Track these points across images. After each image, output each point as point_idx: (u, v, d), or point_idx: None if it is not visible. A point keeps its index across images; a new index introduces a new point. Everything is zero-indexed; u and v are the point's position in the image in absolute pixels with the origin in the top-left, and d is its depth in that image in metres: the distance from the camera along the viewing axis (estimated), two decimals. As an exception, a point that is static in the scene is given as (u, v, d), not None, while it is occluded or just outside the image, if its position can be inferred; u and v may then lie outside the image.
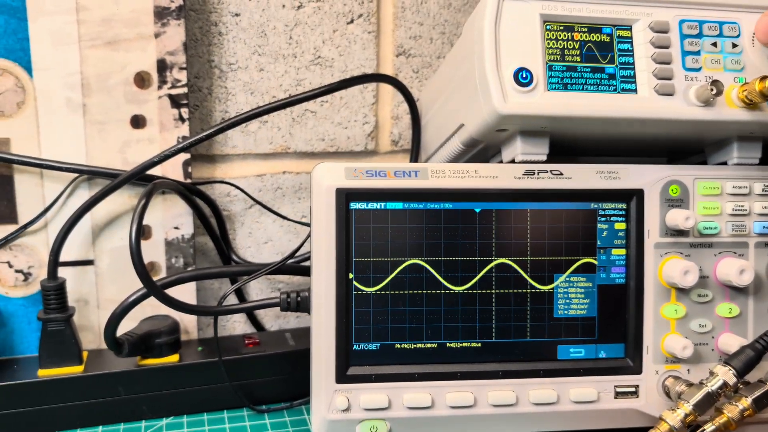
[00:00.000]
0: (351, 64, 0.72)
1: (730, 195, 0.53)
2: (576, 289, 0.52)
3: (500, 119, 0.48)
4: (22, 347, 0.64)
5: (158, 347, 0.61)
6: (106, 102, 0.62)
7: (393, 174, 0.50)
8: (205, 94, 0.69)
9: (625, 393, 0.52)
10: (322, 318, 0.50)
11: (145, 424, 0.60)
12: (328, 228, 0.50)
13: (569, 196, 0.51)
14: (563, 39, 0.50)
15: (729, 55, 0.51)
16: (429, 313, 0.51)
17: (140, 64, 0.63)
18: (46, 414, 0.58)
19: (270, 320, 0.75)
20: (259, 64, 0.70)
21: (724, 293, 0.53)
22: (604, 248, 0.52)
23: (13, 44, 0.59)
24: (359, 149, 0.75)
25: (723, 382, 0.47)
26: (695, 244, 0.52)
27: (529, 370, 0.51)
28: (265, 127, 0.71)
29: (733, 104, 0.50)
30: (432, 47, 0.75)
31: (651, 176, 0.52)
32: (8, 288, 0.63)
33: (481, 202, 0.51)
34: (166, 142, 0.64)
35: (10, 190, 0.61)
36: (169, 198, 0.65)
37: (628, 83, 0.50)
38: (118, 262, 0.65)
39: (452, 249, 0.51)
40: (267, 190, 0.72)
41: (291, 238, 0.74)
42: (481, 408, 0.51)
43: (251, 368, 0.62)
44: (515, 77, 0.48)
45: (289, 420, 0.60)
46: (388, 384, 0.50)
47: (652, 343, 0.52)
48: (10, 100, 0.60)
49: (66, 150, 0.62)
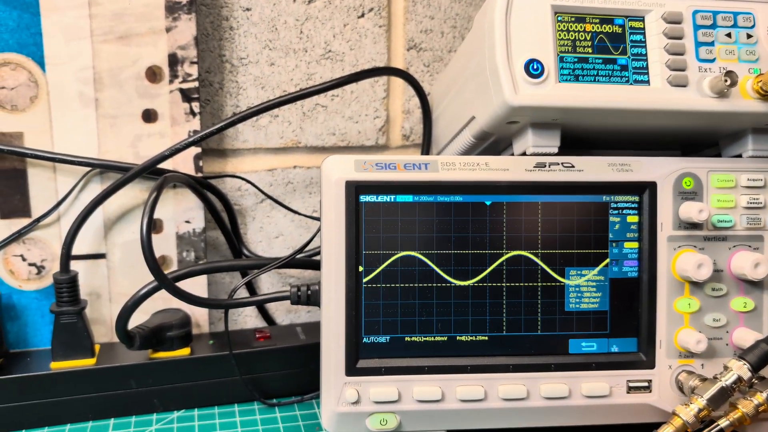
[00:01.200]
0: (362, 59, 0.72)
1: (745, 188, 0.52)
2: (588, 283, 0.51)
3: (511, 111, 0.48)
4: (36, 340, 0.64)
5: (169, 340, 0.61)
6: (118, 96, 0.63)
7: (403, 166, 0.50)
8: (216, 89, 0.69)
9: (638, 388, 0.52)
10: (331, 311, 0.50)
11: (156, 417, 0.60)
12: (337, 221, 0.49)
13: (581, 189, 0.51)
14: (575, 30, 0.49)
15: (743, 46, 0.50)
16: (439, 306, 0.50)
17: (152, 59, 0.63)
18: (59, 406, 0.58)
19: (281, 315, 0.75)
20: (270, 59, 0.70)
21: (739, 287, 0.52)
22: (617, 241, 0.51)
23: (26, 39, 0.60)
24: (370, 143, 0.74)
25: (737, 376, 0.46)
26: (709, 237, 0.52)
27: (540, 364, 0.51)
28: (276, 121, 0.71)
29: (747, 95, 0.49)
30: (443, 41, 0.75)
31: (664, 169, 0.51)
32: (22, 281, 0.63)
33: (492, 195, 0.50)
34: (177, 136, 0.64)
35: (23, 183, 0.62)
36: (181, 192, 0.66)
37: (640, 74, 0.50)
38: (130, 255, 0.65)
39: (462, 242, 0.51)
40: (278, 185, 0.72)
41: (302, 232, 0.74)
42: (492, 402, 0.51)
43: (262, 362, 0.62)
44: (526, 69, 0.48)
45: (299, 414, 0.60)
46: (398, 377, 0.50)
47: (665, 337, 0.51)
48: (23, 94, 0.61)
49: (78, 144, 0.62)
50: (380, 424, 0.50)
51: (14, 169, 0.62)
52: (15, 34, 0.60)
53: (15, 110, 0.61)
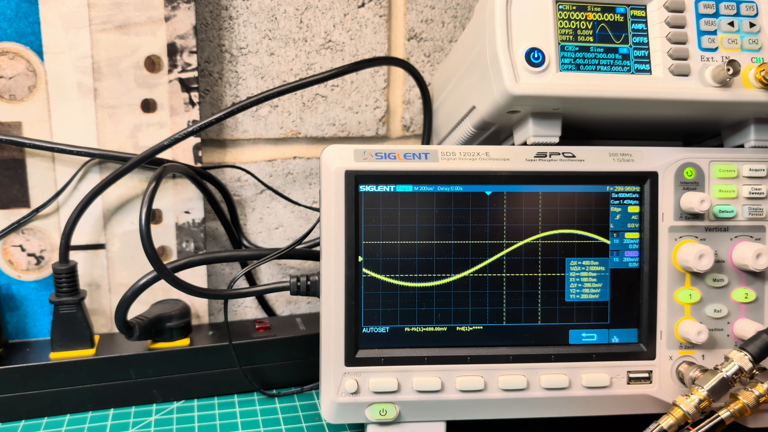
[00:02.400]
0: (362, 48, 0.72)
1: (747, 178, 0.52)
2: (588, 273, 0.51)
3: (512, 100, 0.48)
4: (35, 330, 0.64)
5: (169, 331, 0.61)
6: (116, 86, 0.62)
7: (403, 156, 0.50)
8: (216, 79, 0.69)
9: (639, 378, 0.51)
10: (331, 301, 0.50)
11: (155, 408, 0.60)
12: (337, 211, 0.49)
13: (582, 179, 0.51)
14: (576, 19, 0.49)
15: (746, 35, 0.49)
16: (438, 296, 0.50)
17: (151, 48, 0.62)
18: (58, 396, 0.58)
19: (281, 305, 0.75)
20: (270, 49, 0.69)
21: (740, 278, 0.52)
22: (617, 232, 0.51)
23: (25, 28, 0.59)
24: (370, 134, 0.74)
25: (738, 367, 0.46)
26: (711, 227, 0.51)
27: (540, 355, 0.51)
28: (276, 111, 0.71)
29: (750, 85, 0.49)
30: (444, 31, 0.74)
31: (665, 158, 0.51)
32: (21, 271, 0.63)
33: (492, 185, 0.50)
34: (176, 126, 0.64)
35: (22, 173, 0.62)
36: (180, 182, 0.65)
37: (642, 64, 0.49)
38: (130, 246, 0.65)
39: (463, 232, 0.50)
40: (277, 175, 0.72)
41: (302, 223, 0.74)
42: (491, 392, 0.50)
43: (262, 353, 0.62)
44: (527, 57, 0.47)
45: (299, 404, 0.60)
46: (398, 367, 0.50)
47: (666, 328, 0.51)
48: (22, 83, 0.60)
49: (77, 134, 0.62)
50: (380, 415, 0.50)
51: (13, 159, 0.61)
52: (13, 23, 0.59)
53: (13, 100, 0.60)
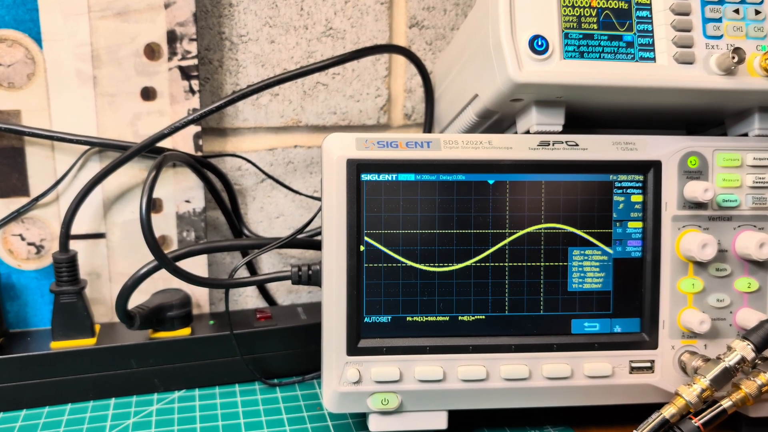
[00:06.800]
0: (363, 36, 0.71)
1: (751, 167, 0.51)
2: (591, 263, 0.51)
3: (515, 88, 0.47)
4: (36, 320, 0.64)
5: (170, 320, 0.61)
6: (116, 74, 0.62)
7: (405, 145, 0.50)
8: (216, 67, 0.68)
9: (641, 368, 0.51)
10: (333, 290, 0.49)
11: (157, 397, 0.60)
12: (338, 200, 0.49)
13: (585, 168, 0.50)
14: (580, 6, 0.48)
15: (752, 23, 0.49)
16: (441, 285, 0.50)
17: (150, 35, 0.62)
18: (59, 386, 0.58)
19: (282, 295, 0.75)
20: (270, 36, 0.69)
21: (743, 267, 0.51)
22: (620, 221, 0.51)
23: (23, 15, 0.59)
24: (371, 123, 0.74)
25: (741, 357, 0.46)
26: (714, 217, 0.51)
27: (542, 344, 0.51)
28: (276, 100, 0.70)
29: (755, 73, 0.48)
30: (446, 18, 0.74)
31: (669, 147, 0.51)
32: (21, 261, 0.63)
33: (495, 174, 0.50)
34: (176, 115, 0.63)
35: (21, 162, 0.61)
36: (180, 171, 0.65)
37: (646, 51, 0.49)
38: (130, 235, 0.65)
39: (465, 221, 0.50)
40: (278, 164, 0.72)
41: (303, 212, 0.73)
42: (494, 382, 0.50)
43: (263, 342, 0.62)
44: (530, 45, 0.47)
45: (300, 394, 0.60)
46: (400, 357, 0.50)
47: (669, 317, 0.51)
48: (20, 71, 0.60)
49: (77, 122, 0.62)
50: (381, 404, 0.50)
51: (12, 148, 0.61)
52: (11, 10, 0.59)
53: (12, 88, 0.60)
